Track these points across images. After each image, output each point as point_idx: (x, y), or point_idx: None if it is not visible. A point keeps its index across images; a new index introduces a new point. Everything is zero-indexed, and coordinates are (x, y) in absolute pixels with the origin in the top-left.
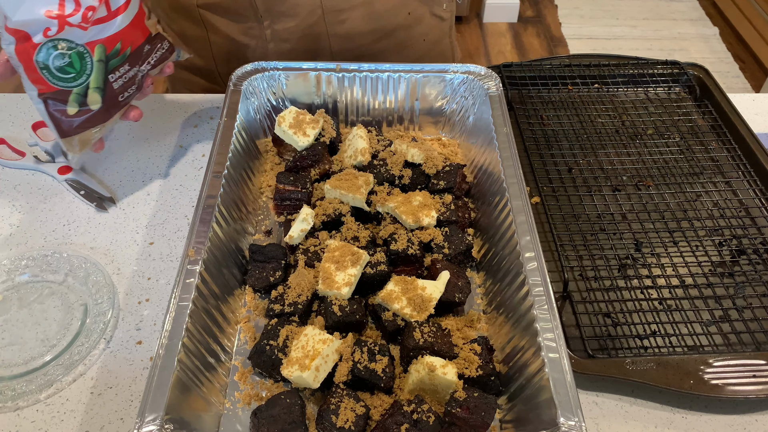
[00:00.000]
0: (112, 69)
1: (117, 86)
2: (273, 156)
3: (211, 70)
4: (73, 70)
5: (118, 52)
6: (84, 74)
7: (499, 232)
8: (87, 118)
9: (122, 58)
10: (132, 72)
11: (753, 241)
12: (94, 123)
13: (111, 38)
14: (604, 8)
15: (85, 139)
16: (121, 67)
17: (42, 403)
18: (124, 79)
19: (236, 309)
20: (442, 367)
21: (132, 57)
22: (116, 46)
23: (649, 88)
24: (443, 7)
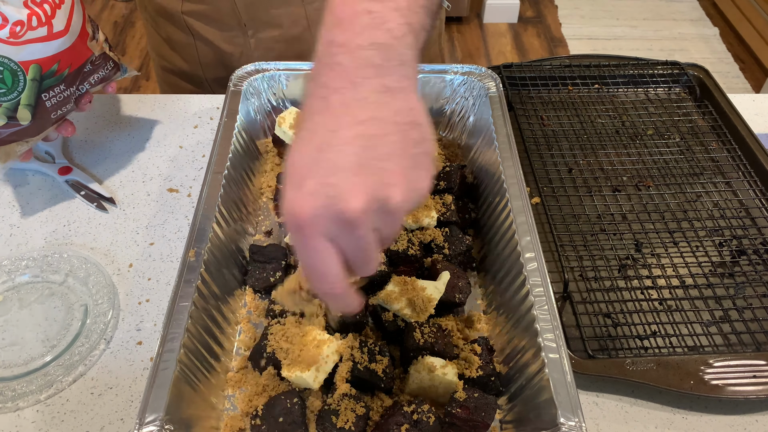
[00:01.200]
0: (47, 88)
1: (50, 104)
2: (273, 156)
3: (198, 75)
4: (4, 86)
5: (54, 73)
6: (15, 91)
7: (499, 232)
8: (15, 131)
9: (58, 79)
10: (68, 92)
11: (753, 241)
12: (21, 137)
13: (48, 59)
14: (605, 9)
15: (9, 150)
16: (57, 86)
17: (42, 404)
18: (58, 98)
19: (236, 309)
20: (442, 368)
21: (69, 77)
22: (53, 66)
23: (650, 89)
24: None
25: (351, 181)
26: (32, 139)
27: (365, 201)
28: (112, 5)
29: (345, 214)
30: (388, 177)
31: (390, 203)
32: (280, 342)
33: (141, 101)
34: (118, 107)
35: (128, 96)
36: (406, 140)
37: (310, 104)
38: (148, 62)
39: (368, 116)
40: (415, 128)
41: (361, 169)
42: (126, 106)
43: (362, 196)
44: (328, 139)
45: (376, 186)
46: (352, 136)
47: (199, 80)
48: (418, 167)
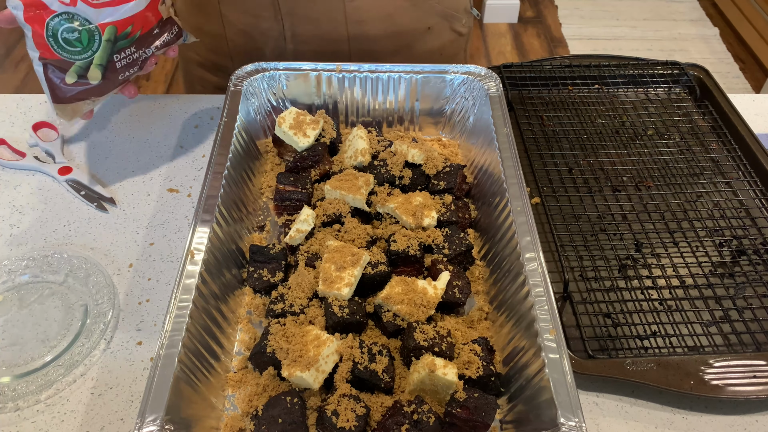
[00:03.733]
0: (119, 50)
1: (120, 66)
2: (273, 156)
3: (227, 67)
4: (80, 45)
5: (127, 35)
6: (90, 50)
7: (499, 232)
8: (83, 89)
9: (131, 41)
10: (137, 54)
11: (753, 241)
12: (89, 95)
13: (123, 21)
14: (605, 9)
15: (77, 108)
16: (128, 48)
17: (42, 404)
18: (128, 60)
19: (236, 309)
20: (442, 368)
21: (140, 40)
22: (127, 28)
23: (650, 89)
24: (462, 23)
25: None
26: (98, 99)
27: None
28: None
29: None
30: None
31: None
32: (280, 342)
33: (141, 101)
34: (119, 107)
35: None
36: None
37: None
38: None
39: None
40: None
41: None
42: (126, 107)
43: None
44: None
45: None
46: None
47: (228, 72)
48: None
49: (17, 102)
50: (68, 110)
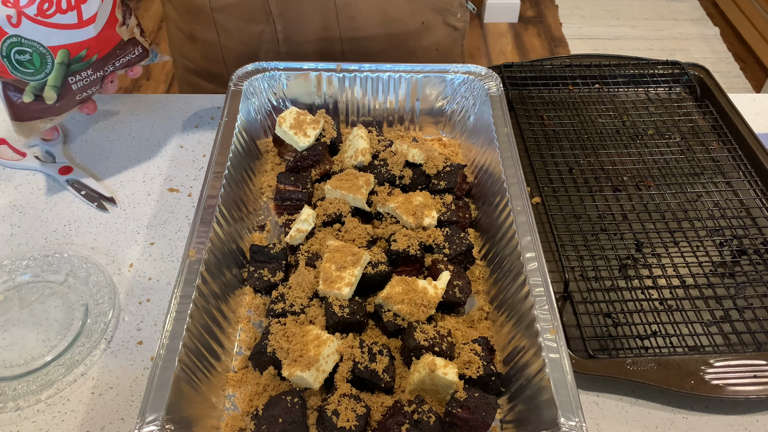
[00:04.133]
0: (74, 72)
1: (76, 87)
2: (274, 156)
3: (221, 74)
4: (33, 67)
5: (82, 58)
6: (43, 72)
7: (499, 232)
8: (40, 108)
9: (86, 64)
10: (95, 76)
11: (754, 241)
12: (47, 114)
13: (77, 45)
14: (605, 8)
15: (34, 126)
16: (84, 71)
17: (43, 404)
18: (85, 82)
19: (237, 309)
20: (442, 368)
21: (97, 63)
22: (81, 52)
23: (650, 89)
24: (457, 17)
25: None
26: (56, 118)
27: None
28: None
29: None
30: None
31: None
32: (281, 342)
33: (142, 101)
34: (119, 107)
35: (129, 96)
36: None
37: None
38: None
39: None
40: None
41: None
42: (127, 106)
43: None
44: None
45: None
46: None
47: (222, 79)
48: None
49: None
50: (26, 128)
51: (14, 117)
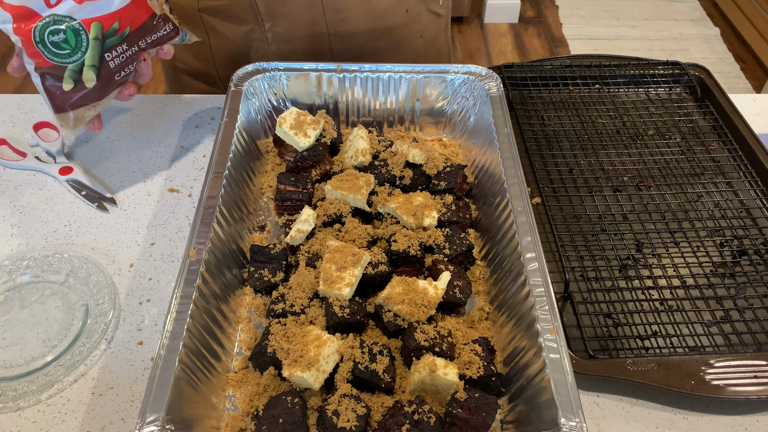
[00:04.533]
0: (109, 48)
1: (114, 65)
2: (274, 156)
3: (210, 74)
4: (68, 47)
5: (115, 31)
6: (79, 51)
7: (500, 232)
8: (82, 95)
9: (120, 38)
10: (130, 51)
11: (754, 241)
12: (88, 100)
13: (108, 16)
14: (605, 9)
15: (79, 116)
16: (119, 46)
17: (43, 404)
18: (121, 59)
19: (237, 309)
20: (443, 368)
21: (131, 36)
22: (114, 24)
23: (650, 89)
24: (440, 4)
25: None
26: (99, 104)
27: None
28: None
29: None
30: None
31: None
32: (281, 342)
33: (142, 101)
34: (119, 107)
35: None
36: None
37: None
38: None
39: None
40: None
41: None
42: (127, 106)
43: None
44: None
45: None
46: None
47: (212, 79)
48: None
49: (18, 102)
50: (70, 120)
51: (57, 110)
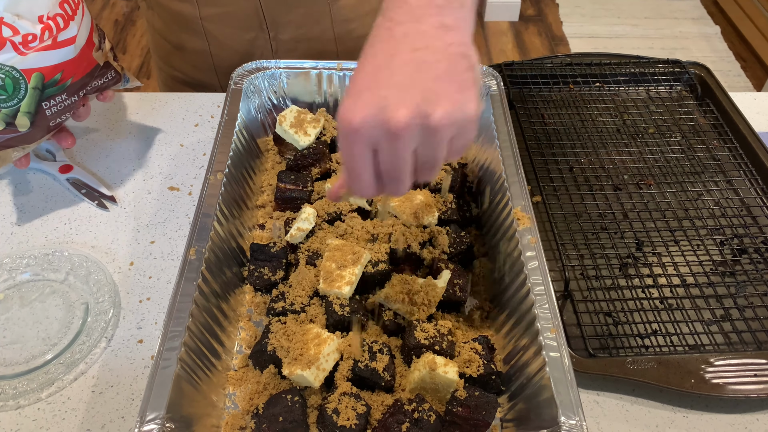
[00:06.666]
0: (48, 97)
1: (50, 113)
2: (274, 155)
3: (211, 82)
4: (5, 93)
5: (56, 82)
6: (16, 98)
7: (500, 231)
8: (12, 137)
9: (60, 88)
10: (69, 101)
11: (754, 240)
12: (18, 143)
13: (51, 68)
14: (606, 7)
15: (4, 155)
16: (58, 96)
17: (43, 402)
18: (59, 107)
19: (237, 308)
20: (443, 366)
21: (72, 87)
22: (56, 76)
23: (651, 87)
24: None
25: (400, 96)
26: (28, 146)
27: (410, 113)
28: (113, 3)
29: (390, 123)
30: (434, 96)
31: (432, 118)
32: (281, 340)
33: (142, 99)
34: (119, 106)
35: (129, 94)
36: (454, 67)
37: (376, 34)
38: (149, 60)
39: (424, 45)
40: (464, 59)
41: (411, 86)
42: (127, 105)
43: (407, 109)
44: (387, 61)
45: (422, 102)
46: (407, 60)
47: (214, 88)
48: (464, 90)
49: None
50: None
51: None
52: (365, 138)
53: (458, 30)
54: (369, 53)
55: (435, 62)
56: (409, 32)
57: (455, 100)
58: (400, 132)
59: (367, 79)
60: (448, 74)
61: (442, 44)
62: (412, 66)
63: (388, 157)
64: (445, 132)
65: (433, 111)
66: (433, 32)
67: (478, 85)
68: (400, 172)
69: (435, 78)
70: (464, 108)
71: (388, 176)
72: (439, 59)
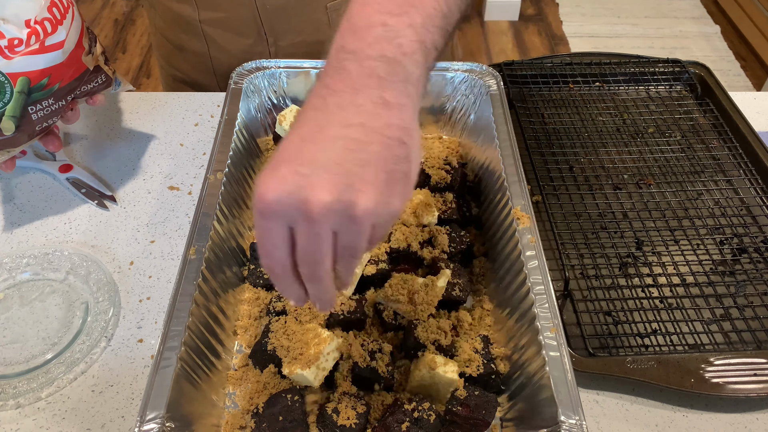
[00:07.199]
0: (34, 101)
1: (36, 117)
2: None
3: (210, 84)
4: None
5: (43, 86)
6: (0, 102)
7: (500, 230)
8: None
9: (47, 93)
10: (57, 105)
11: (754, 239)
12: (2, 147)
13: (38, 72)
14: (606, 6)
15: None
16: (45, 100)
17: (43, 401)
18: (46, 111)
19: (237, 307)
20: (443, 366)
21: (60, 92)
22: (42, 80)
23: (651, 87)
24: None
25: (322, 176)
26: (13, 149)
27: (330, 199)
28: (113, 3)
29: (307, 205)
30: (359, 183)
31: (355, 209)
32: (281, 340)
33: (142, 99)
34: (119, 105)
35: (129, 94)
36: (388, 154)
37: (310, 101)
38: (149, 59)
39: (358, 122)
40: (401, 146)
41: (336, 168)
42: (126, 104)
43: (328, 193)
44: (314, 134)
45: (345, 188)
46: (336, 136)
47: (213, 89)
48: (393, 184)
49: None
50: None
51: None
52: (279, 215)
53: (400, 109)
54: (299, 121)
55: (367, 143)
56: (344, 104)
57: (381, 193)
58: (318, 217)
59: (291, 151)
60: (379, 160)
61: (379, 124)
62: (340, 144)
63: (304, 238)
64: (366, 224)
65: (356, 200)
66: (371, 108)
67: (411, 177)
68: (318, 257)
69: (364, 162)
70: (389, 204)
71: (304, 261)
72: (371, 141)
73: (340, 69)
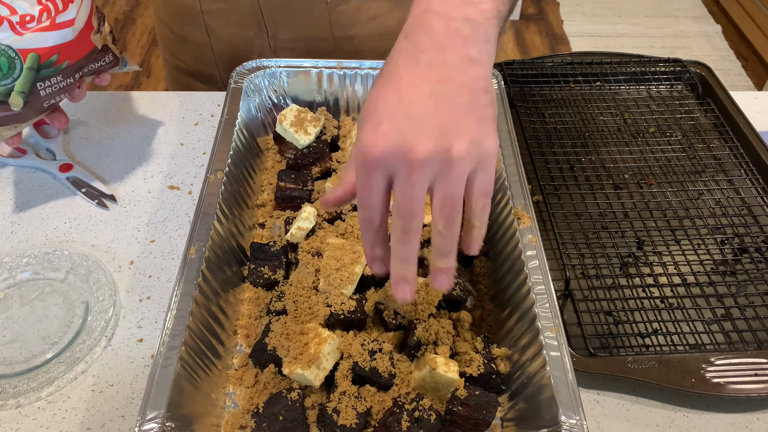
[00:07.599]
0: (43, 78)
1: (44, 94)
2: (274, 154)
3: (213, 74)
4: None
5: (52, 63)
6: (10, 77)
7: (500, 230)
8: (4, 116)
9: (56, 70)
10: (65, 83)
11: (755, 239)
12: (10, 121)
13: (48, 49)
14: (607, 6)
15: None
16: (53, 77)
17: (43, 401)
18: (54, 88)
19: (237, 307)
20: (443, 366)
21: (68, 69)
22: (51, 57)
23: (652, 86)
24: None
25: (421, 128)
26: (21, 125)
27: (430, 147)
28: (113, 2)
29: (410, 155)
30: (454, 129)
31: (452, 152)
32: (281, 339)
33: (142, 98)
34: (119, 104)
35: (129, 93)
36: (476, 103)
37: (398, 58)
38: (149, 59)
39: (448, 77)
40: (486, 94)
41: (432, 119)
42: (127, 103)
43: (428, 142)
44: (409, 91)
45: (443, 135)
46: (430, 91)
47: (214, 78)
48: (483, 125)
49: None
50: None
51: None
52: (383, 168)
53: (482, 63)
54: (391, 78)
55: (457, 96)
56: (434, 62)
57: (474, 134)
58: (420, 164)
59: (389, 108)
60: (469, 108)
61: (466, 78)
62: (434, 98)
63: (402, 188)
64: (463, 165)
65: (452, 144)
66: (458, 64)
67: (495, 120)
68: (415, 203)
69: (456, 112)
70: (483, 142)
71: (401, 213)
72: (461, 93)
73: (427, 29)
